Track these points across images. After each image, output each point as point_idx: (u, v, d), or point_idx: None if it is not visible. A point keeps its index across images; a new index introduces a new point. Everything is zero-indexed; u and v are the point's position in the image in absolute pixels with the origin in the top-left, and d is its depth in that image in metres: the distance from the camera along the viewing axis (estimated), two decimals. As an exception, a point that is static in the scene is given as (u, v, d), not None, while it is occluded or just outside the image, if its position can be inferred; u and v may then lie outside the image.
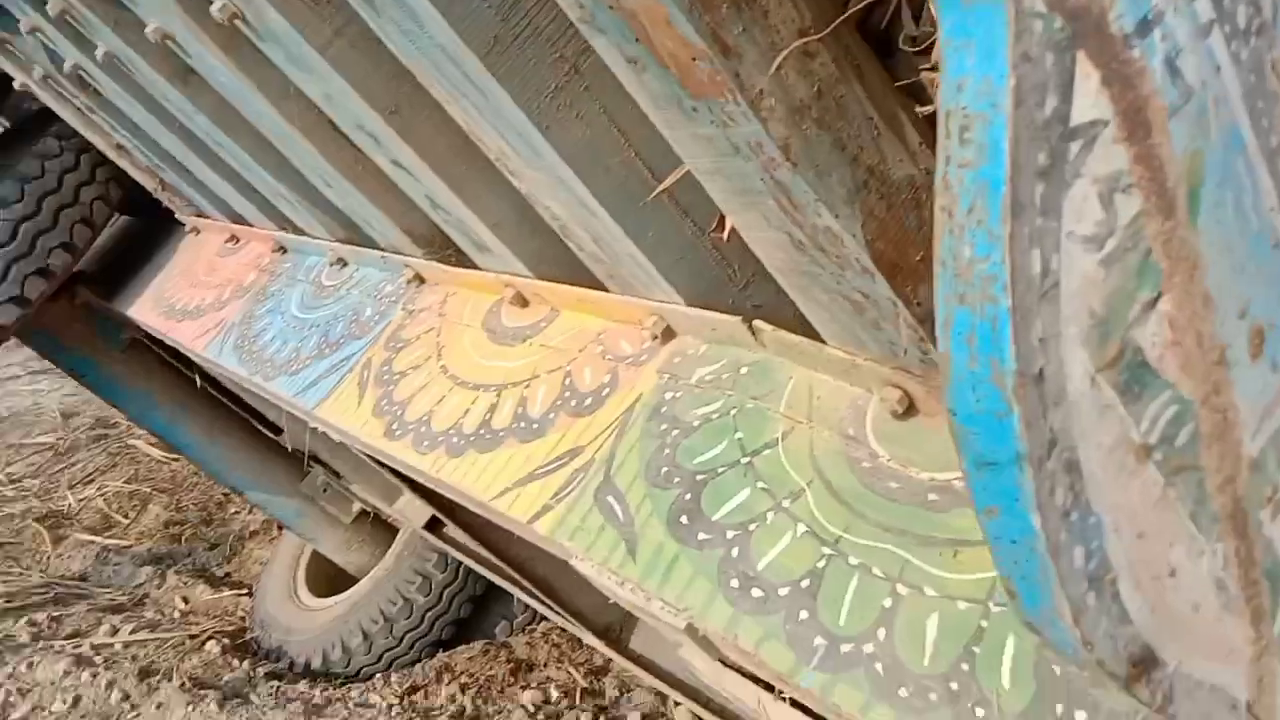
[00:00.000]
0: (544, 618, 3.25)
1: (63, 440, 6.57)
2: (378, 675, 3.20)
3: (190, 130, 1.82)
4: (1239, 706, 0.53)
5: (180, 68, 1.56)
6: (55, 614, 4.13)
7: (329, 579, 3.69)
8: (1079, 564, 0.44)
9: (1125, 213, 0.42)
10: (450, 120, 1.13)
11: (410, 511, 3.03)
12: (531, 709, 2.74)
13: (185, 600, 4.16)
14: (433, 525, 2.98)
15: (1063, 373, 0.42)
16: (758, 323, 1.02)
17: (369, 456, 1.87)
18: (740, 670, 1.01)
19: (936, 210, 0.43)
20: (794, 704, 0.97)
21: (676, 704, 2.56)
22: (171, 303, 2.40)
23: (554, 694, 2.82)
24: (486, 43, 0.89)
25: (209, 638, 3.76)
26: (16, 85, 2.37)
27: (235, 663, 3.49)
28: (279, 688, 3.22)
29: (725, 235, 1.04)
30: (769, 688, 0.99)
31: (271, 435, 3.53)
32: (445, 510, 2.16)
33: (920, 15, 0.86)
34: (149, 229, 2.86)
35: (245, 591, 4.19)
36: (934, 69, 0.83)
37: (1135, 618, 0.47)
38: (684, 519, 0.98)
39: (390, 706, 2.83)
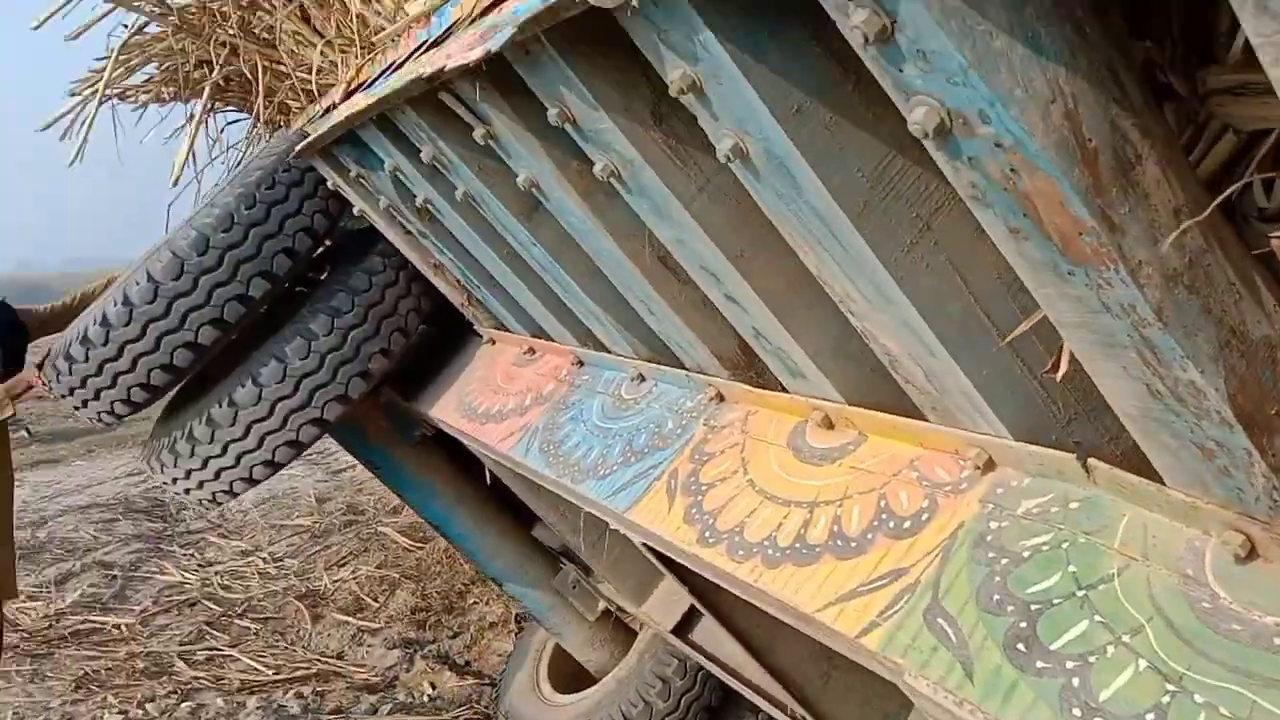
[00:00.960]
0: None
1: (318, 524, 7.19)
2: (617, 773, 3.29)
3: (519, 256, 2.08)
4: None
5: (529, 206, 1.81)
6: (319, 689, 4.50)
7: (568, 675, 3.85)
8: None
9: None
10: (792, 263, 1.28)
11: (658, 614, 3.15)
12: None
13: (433, 685, 4.43)
14: (678, 630, 3.09)
15: None
16: (1091, 460, 1.08)
17: (656, 555, 2.01)
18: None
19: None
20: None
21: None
22: (474, 406, 2.67)
23: (794, 812, 2.81)
24: (857, 206, 1.03)
25: (458, 724, 4.01)
26: (355, 211, 2.77)
27: (485, 749, 3.70)
28: (527, 775, 3.37)
29: (1058, 376, 1.11)
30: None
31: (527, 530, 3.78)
32: (711, 608, 2.26)
33: (1270, 190, 0.93)
34: (445, 337, 3.20)
35: (487, 681, 4.42)
36: (1283, 237, 0.90)
37: None
38: (1020, 646, 1.04)
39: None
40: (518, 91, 1.44)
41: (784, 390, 1.59)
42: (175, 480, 2.70)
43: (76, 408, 2.75)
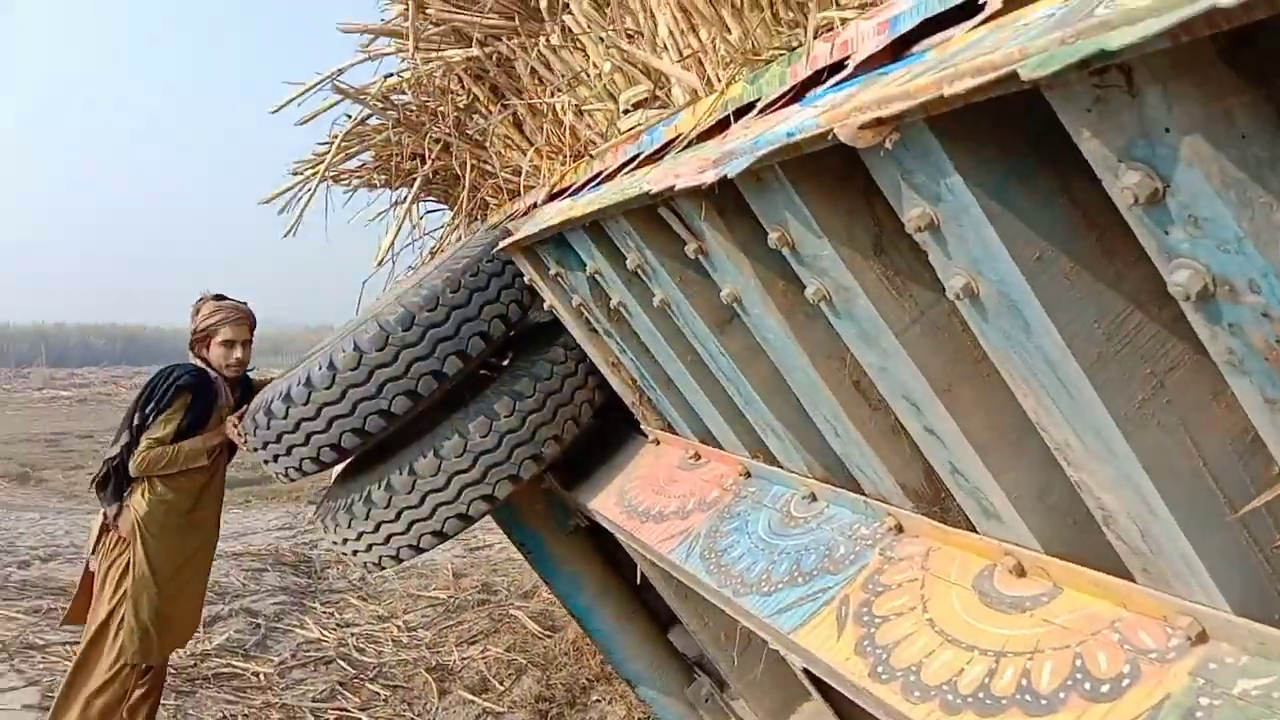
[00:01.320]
0: None
1: (453, 598, 7.32)
2: None
3: (702, 363, 2.13)
4: None
5: (724, 318, 1.86)
6: (442, 767, 4.52)
7: (689, 791, 3.74)
8: None
9: None
10: (1001, 403, 1.27)
11: (795, 742, 3.05)
12: None
13: (551, 780, 4.40)
14: (813, 762, 2.97)
15: None
16: (1326, 648, 1.02)
17: (812, 680, 1.96)
18: None
19: None
20: None
21: None
22: (634, 504, 2.70)
23: None
24: (1090, 356, 1.02)
25: (576, 824, 3.95)
26: (545, 305, 2.89)
27: None
28: None
29: (1290, 553, 1.06)
30: None
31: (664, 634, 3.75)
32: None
33: None
34: (608, 431, 3.26)
35: (606, 783, 4.35)
36: None
37: None
38: (1238, 837, 0.97)
39: None
40: (737, 212, 1.50)
41: (971, 529, 1.55)
42: (345, 540, 2.82)
43: (266, 461, 2.94)
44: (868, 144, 0.96)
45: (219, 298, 3.81)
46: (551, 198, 2.78)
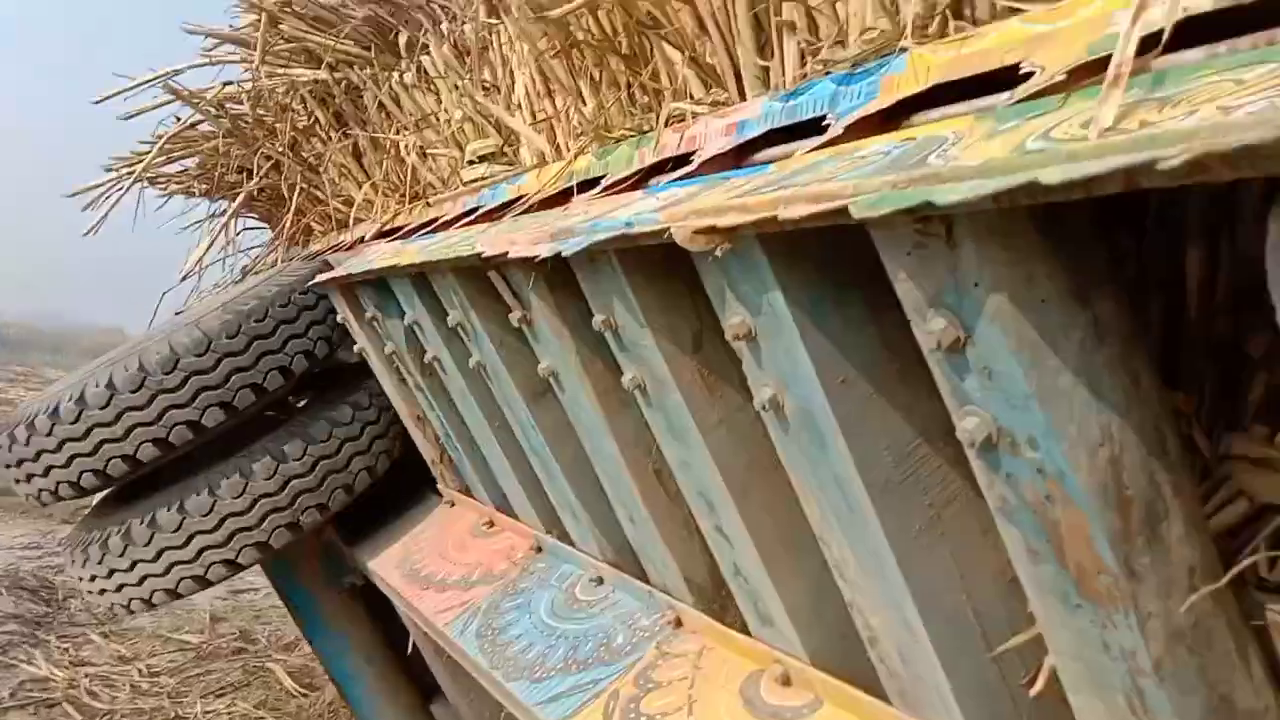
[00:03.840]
0: None
1: (206, 644, 6.79)
2: None
3: (510, 431, 2.09)
4: None
5: (539, 390, 1.84)
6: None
7: None
8: None
9: None
10: (791, 513, 1.30)
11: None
12: None
13: None
14: None
15: None
16: (1053, 787, 1.07)
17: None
18: None
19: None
20: None
21: None
22: (417, 569, 2.60)
23: None
24: (878, 482, 1.06)
25: None
26: (355, 349, 2.79)
27: None
28: None
29: (1032, 692, 1.11)
30: None
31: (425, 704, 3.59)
32: None
33: (1275, 563, 0.97)
34: (400, 486, 3.14)
35: None
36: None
37: None
38: None
39: None
40: (565, 288, 1.49)
41: (747, 632, 1.57)
42: (93, 578, 2.58)
43: (17, 480, 2.66)
44: (700, 248, 0.97)
45: None
46: (381, 235, 2.70)
